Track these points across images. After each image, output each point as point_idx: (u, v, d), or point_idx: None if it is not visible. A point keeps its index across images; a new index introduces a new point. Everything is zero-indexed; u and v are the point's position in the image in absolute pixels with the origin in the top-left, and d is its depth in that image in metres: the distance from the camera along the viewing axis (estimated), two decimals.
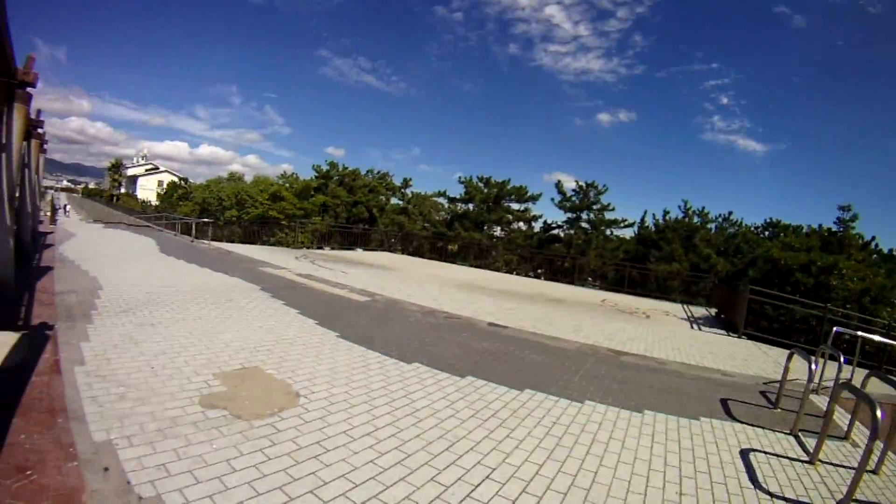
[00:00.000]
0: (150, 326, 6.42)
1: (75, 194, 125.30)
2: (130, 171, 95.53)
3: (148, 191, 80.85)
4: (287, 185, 35.29)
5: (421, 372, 5.92)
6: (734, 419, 5.61)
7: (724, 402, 6.25)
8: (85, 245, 15.76)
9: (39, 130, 11.96)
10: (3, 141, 6.66)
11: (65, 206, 62.24)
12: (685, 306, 18.28)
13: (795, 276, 13.07)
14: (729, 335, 12.20)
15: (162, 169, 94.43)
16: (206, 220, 23.49)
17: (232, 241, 25.12)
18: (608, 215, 29.19)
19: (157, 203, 61.64)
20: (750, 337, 11.90)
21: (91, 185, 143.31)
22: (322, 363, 5.70)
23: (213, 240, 22.63)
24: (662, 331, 11.53)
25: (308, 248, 24.84)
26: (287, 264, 15.27)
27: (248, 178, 42.66)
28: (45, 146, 15.37)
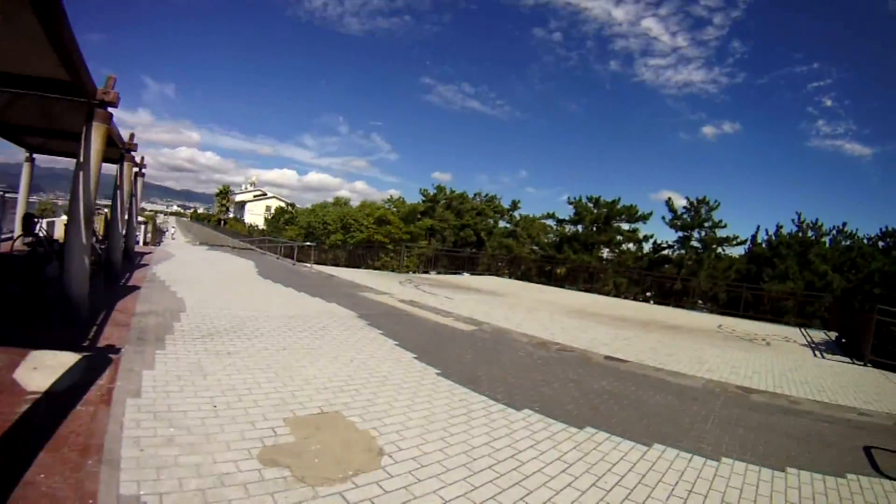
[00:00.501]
0: (227, 356, 6.10)
1: (184, 218, 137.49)
2: (239, 197, 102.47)
3: (256, 216, 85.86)
4: (393, 208, 35.77)
5: (532, 422, 5.05)
6: (882, 474, 4.85)
7: (867, 450, 5.50)
8: (181, 266, 16.50)
9: (133, 154, 12.67)
10: (82, 160, 6.92)
11: (172, 228, 68.63)
12: (804, 330, 17.67)
13: None
14: (854, 363, 11.45)
15: (270, 195, 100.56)
16: (308, 243, 24.02)
17: (336, 265, 25.90)
18: (720, 233, 28.62)
19: (265, 227, 64.96)
20: (876, 364, 11.14)
21: (200, 210, 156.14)
22: (416, 409, 4.98)
23: (316, 263, 23.21)
24: (786, 361, 10.82)
25: (414, 272, 25.08)
26: (390, 289, 15.09)
27: (356, 204, 43.79)
28: (143, 170, 16.38)
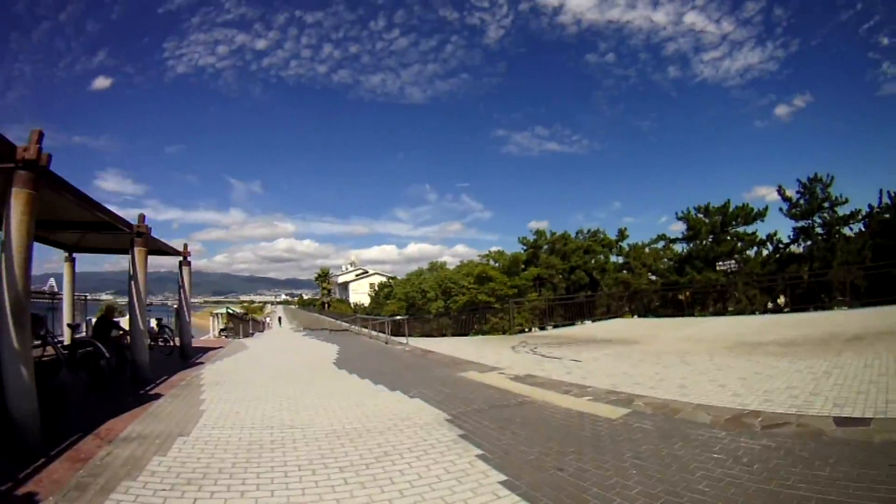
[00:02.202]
0: None
1: (292, 305, 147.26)
2: (341, 279, 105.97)
3: (360, 294, 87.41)
4: (493, 263, 33.14)
5: None
6: None
7: None
8: (245, 361, 14.99)
9: (144, 237, 10.82)
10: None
11: (272, 318, 73.88)
12: None
13: None
14: None
15: (371, 272, 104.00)
16: (399, 317, 21.60)
17: (443, 335, 23.96)
18: (840, 211, 25.29)
19: (368, 305, 64.83)
20: None
21: (306, 296, 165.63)
22: None
23: (421, 335, 22.15)
24: None
25: (529, 329, 22.36)
26: (499, 361, 11.93)
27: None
28: (189, 258, 15.46)
